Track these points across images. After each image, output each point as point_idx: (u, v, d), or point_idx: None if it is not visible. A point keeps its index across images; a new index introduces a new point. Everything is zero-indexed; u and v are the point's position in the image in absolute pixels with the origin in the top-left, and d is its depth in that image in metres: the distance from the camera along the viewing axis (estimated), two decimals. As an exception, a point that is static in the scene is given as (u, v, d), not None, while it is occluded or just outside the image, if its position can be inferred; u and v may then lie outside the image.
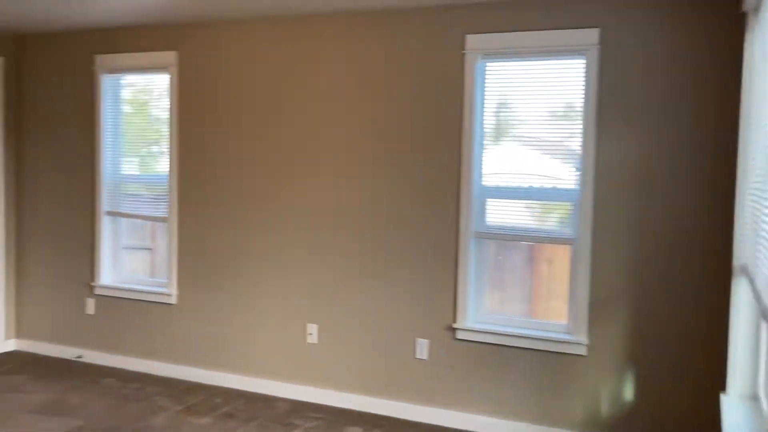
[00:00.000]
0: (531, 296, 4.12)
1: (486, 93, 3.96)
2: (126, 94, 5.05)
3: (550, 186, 3.90)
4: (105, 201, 5.02)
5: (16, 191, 5.33)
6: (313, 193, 4.34)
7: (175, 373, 4.78)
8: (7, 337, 5.35)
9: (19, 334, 5.39)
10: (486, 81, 3.96)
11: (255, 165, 4.50)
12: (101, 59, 4.95)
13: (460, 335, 4.00)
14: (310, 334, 4.39)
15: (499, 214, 4.03)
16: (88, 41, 5.00)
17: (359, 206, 4.23)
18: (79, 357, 5.12)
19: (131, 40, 4.85)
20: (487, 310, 4.07)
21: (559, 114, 3.85)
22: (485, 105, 3.97)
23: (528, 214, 4.02)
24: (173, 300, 4.78)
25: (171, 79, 4.72)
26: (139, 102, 5.07)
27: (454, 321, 4.02)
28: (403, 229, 4.12)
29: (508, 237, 4.02)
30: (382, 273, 4.18)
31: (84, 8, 4.32)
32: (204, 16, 4.42)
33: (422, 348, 4.10)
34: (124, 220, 5.08)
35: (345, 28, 4.22)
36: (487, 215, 4.02)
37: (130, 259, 5.21)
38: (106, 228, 5.05)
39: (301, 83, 4.36)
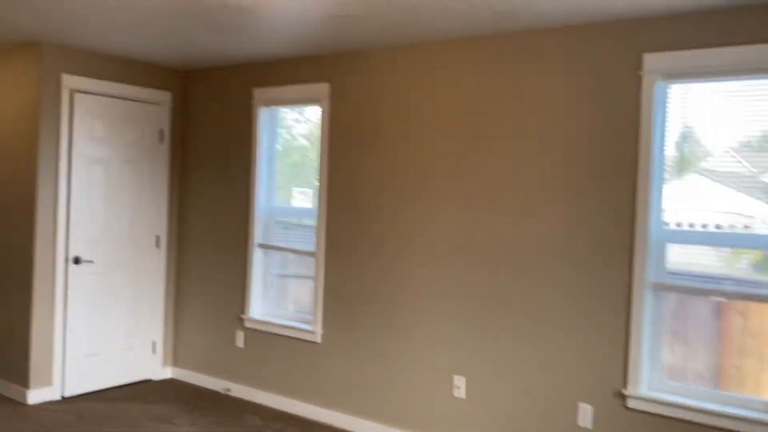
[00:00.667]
0: (719, 360, 3.43)
1: (667, 120, 3.39)
2: (281, 126, 5.02)
3: (742, 228, 3.24)
4: (257, 233, 4.99)
5: (179, 221, 5.49)
6: (468, 234, 3.97)
7: (318, 415, 4.58)
8: (165, 365, 5.47)
9: (176, 362, 5.50)
10: (667, 106, 3.39)
11: (405, 201, 4.23)
12: (258, 92, 4.96)
13: (631, 404, 3.41)
14: (458, 387, 3.99)
15: (682, 260, 3.41)
16: (246, 75, 5.04)
17: (518, 249, 3.79)
18: (228, 390, 5.10)
19: (286, 73, 4.81)
20: (666, 374, 3.44)
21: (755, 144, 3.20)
22: (666, 134, 3.40)
23: (717, 261, 3.37)
24: (317, 338, 4.60)
25: (323, 111, 4.60)
26: (292, 134, 5.02)
27: (625, 386, 3.43)
28: (567, 275, 3.62)
29: (694, 290, 3.38)
30: (541, 324, 3.70)
31: (243, 43, 4.33)
32: (358, 45, 4.26)
33: (585, 415, 3.55)
34: (275, 252, 5.02)
35: (500, 51, 3.85)
36: (667, 262, 3.42)
37: (281, 293, 5.13)
38: (257, 261, 5.01)
39: (455, 112, 4.03)
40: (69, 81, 4.73)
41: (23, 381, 4.68)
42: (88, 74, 4.84)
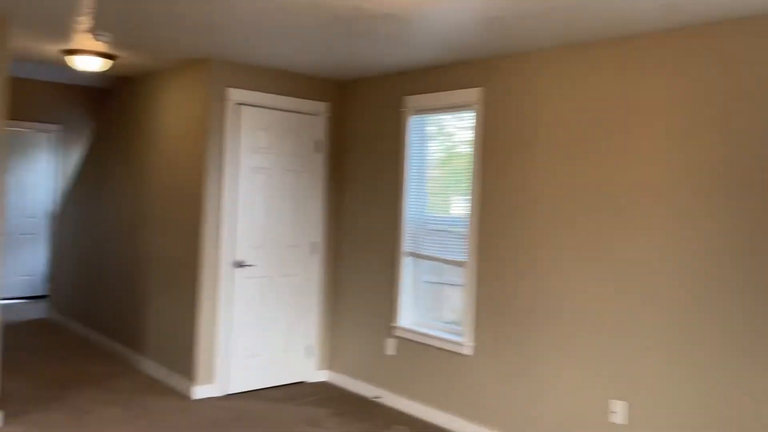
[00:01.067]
0: None
1: None
2: (431, 133, 4.97)
3: None
4: (407, 241, 4.97)
5: (334, 228, 5.61)
6: (636, 244, 3.66)
7: (465, 429, 4.45)
8: (321, 368, 5.60)
9: (330, 366, 5.61)
10: None
11: (565, 208, 3.99)
12: (410, 100, 4.95)
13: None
14: (615, 412, 3.68)
15: None
16: (397, 83, 5.05)
17: (699, 259, 3.42)
18: (378, 398, 5.11)
19: (436, 80, 4.76)
20: None
21: None
22: None
23: None
24: (468, 351, 4.47)
25: (476, 116, 4.48)
26: (443, 141, 4.95)
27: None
28: (759, 289, 3.21)
29: None
30: (725, 348, 3.31)
31: (395, 51, 4.34)
32: (511, 47, 4.10)
33: (766, 453, 3.12)
34: (425, 260, 4.97)
35: (672, 48, 3.51)
36: None
37: (433, 301, 5.06)
38: (407, 269, 4.99)
39: (623, 114, 3.74)
40: (234, 95, 5.00)
41: (190, 376, 4.99)
42: (251, 87, 5.10)
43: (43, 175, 8.52)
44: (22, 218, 8.39)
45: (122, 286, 6.04)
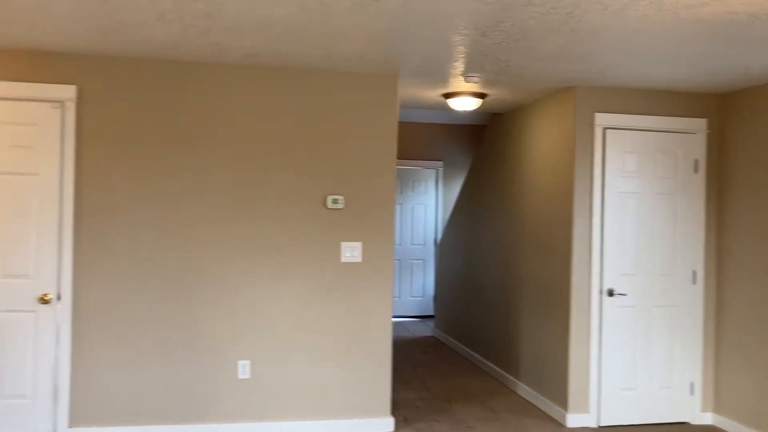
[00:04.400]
0: None
1: None
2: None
3: None
4: (811, 271, 4.26)
5: (717, 255, 5.09)
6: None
7: None
8: (705, 409, 5.10)
9: (717, 408, 5.06)
10: None
11: None
12: (809, 106, 4.27)
13: None
14: None
15: None
16: (794, 88, 4.40)
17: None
18: (778, 450, 4.44)
19: None
20: None
21: None
22: None
23: None
24: None
25: None
26: None
27: None
28: None
29: None
30: None
31: (781, 52, 3.81)
32: None
33: None
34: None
35: None
36: None
37: None
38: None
39: None
40: (601, 119, 4.92)
41: (563, 404, 4.99)
42: (618, 110, 4.96)
43: (429, 206, 9.49)
44: (412, 245, 9.45)
45: (495, 309, 6.36)
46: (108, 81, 4.31)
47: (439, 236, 9.31)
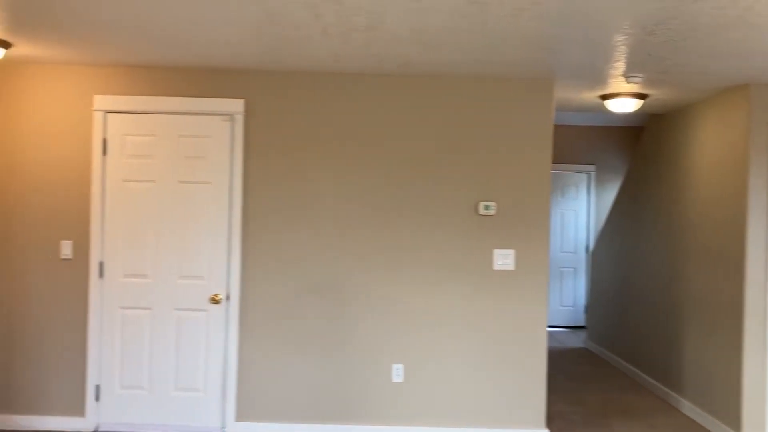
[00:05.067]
0: None
1: None
2: None
3: None
4: None
5: None
6: None
7: None
8: None
9: None
10: None
11: None
12: None
13: None
14: None
15: None
16: None
17: None
18: None
19: None
20: None
21: None
22: None
23: None
24: None
25: None
26: None
27: None
28: None
29: None
30: None
31: None
32: None
33: None
34: None
35: None
36: None
37: None
38: None
39: None
40: (779, 118, 4.53)
41: (735, 424, 4.62)
42: (800, 108, 4.54)
43: (580, 212, 9.17)
44: (562, 253, 9.17)
45: (656, 321, 6.02)
46: (272, 94, 4.57)
47: (592, 243, 8.97)
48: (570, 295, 9.22)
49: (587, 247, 9.12)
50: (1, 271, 4.57)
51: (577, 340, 8.37)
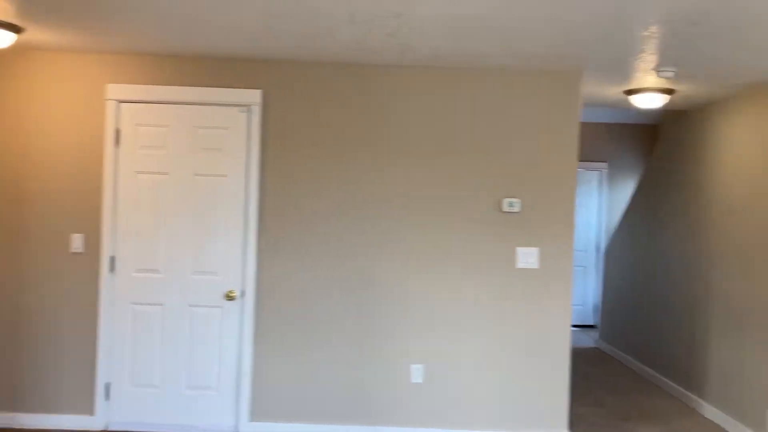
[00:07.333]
0: None
1: None
2: None
3: None
4: None
5: None
6: None
7: None
8: None
9: None
10: None
11: None
12: None
13: None
14: None
15: None
16: None
17: None
18: None
19: None
20: None
21: None
22: None
23: None
24: None
25: None
26: None
27: None
28: None
29: None
30: None
31: None
32: None
33: None
34: None
35: None
36: None
37: None
38: None
39: None
40: (811, 115, 4.40)
41: (762, 428, 4.51)
42: (833, 105, 4.41)
43: (591, 211, 9.04)
44: (574, 251, 9.04)
45: (675, 322, 5.90)
46: (290, 84, 4.43)
47: (603, 242, 8.85)
48: (580, 294, 9.11)
49: (598, 246, 9.00)
50: (10, 264, 4.43)
51: (587, 340, 8.26)
